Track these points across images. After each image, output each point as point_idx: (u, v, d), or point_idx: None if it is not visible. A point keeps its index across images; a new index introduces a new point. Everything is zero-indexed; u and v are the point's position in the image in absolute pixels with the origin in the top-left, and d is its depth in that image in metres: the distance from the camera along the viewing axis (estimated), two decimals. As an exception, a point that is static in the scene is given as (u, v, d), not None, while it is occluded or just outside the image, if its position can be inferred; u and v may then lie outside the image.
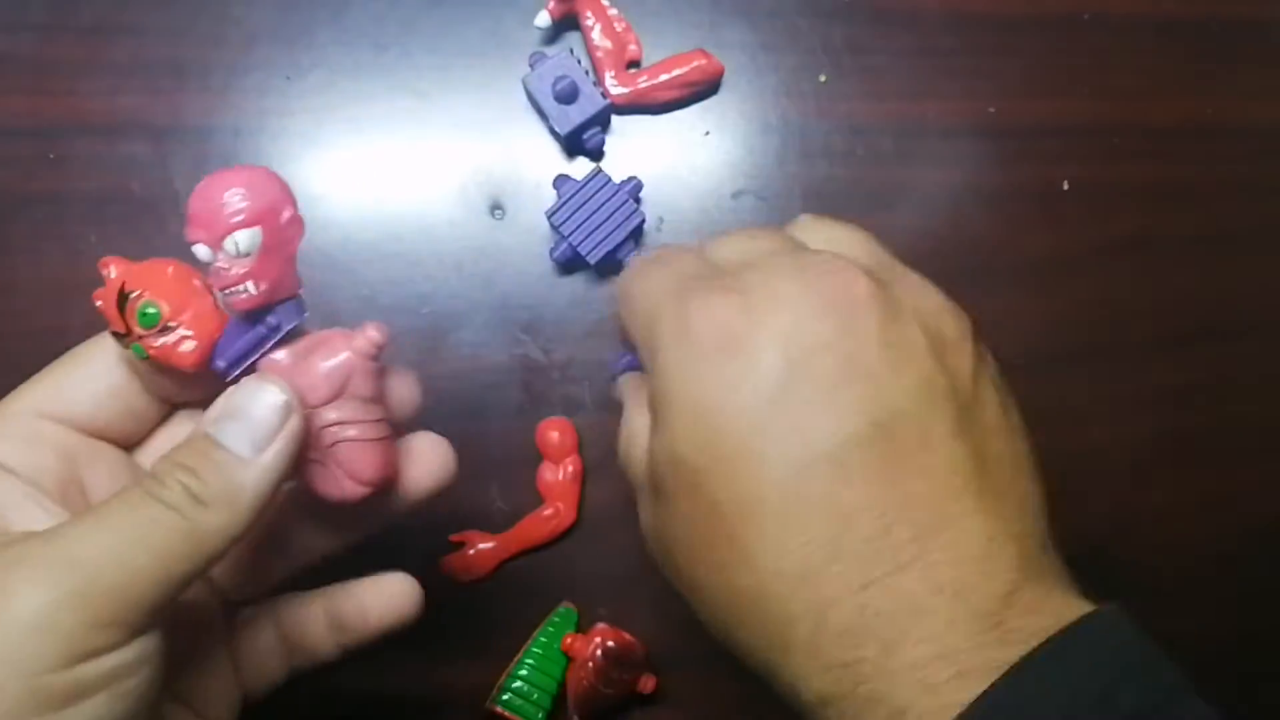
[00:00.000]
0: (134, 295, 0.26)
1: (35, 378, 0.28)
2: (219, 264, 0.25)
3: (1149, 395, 0.44)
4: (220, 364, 0.26)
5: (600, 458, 0.41)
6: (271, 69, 0.40)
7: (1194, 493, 0.44)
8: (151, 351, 0.25)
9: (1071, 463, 0.44)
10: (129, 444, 0.29)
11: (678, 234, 0.42)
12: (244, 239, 0.24)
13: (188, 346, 0.25)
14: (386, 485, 0.27)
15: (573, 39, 0.42)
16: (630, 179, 0.39)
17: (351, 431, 0.26)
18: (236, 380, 0.26)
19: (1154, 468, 0.44)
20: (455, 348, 0.40)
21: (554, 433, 0.40)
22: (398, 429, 0.28)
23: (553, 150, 0.41)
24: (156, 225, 0.39)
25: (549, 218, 0.39)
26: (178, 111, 0.40)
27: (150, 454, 0.29)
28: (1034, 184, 0.44)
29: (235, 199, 0.24)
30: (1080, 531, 0.44)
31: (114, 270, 0.26)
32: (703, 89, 0.42)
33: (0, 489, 0.25)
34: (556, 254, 0.39)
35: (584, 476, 0.40)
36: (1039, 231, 0.44)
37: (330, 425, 0.26)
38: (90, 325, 0.40)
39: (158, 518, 0.22)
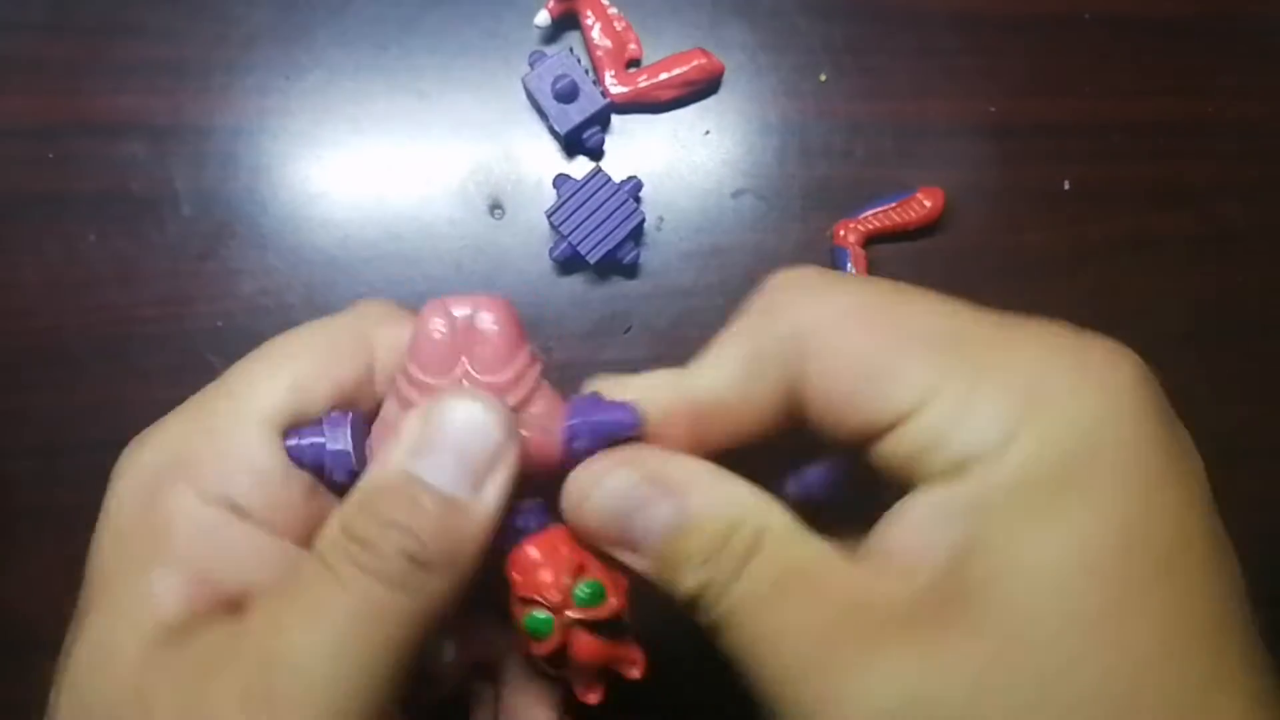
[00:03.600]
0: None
1: (242, 377, 0.22)
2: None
3: (1149, 395, 0.44)
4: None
5: (600, 457, 0.41)
6: (271, 69, 0.40)
7: (1194, 493, 0.44)
8: (572, 619, 0.21)
9: (1072, 462, 0.44)
10: None
11: (678, 233, 0.42)
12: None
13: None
14: None
15: (572, 38, 0.42)
16: (630, 178, 0.39)
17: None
18: None
19: (1154, 467, 0.44)
20: (455, 347, 0.40)
21: (554, 432, 0.39)
22: None
23: (552, 150, 0.41)
24: (156, 225, 0.39)
25: (549, 217, 0.39)
26: (178, 111, 0.40)
27: None
28: (1034, 183, 0.44)
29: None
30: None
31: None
32: (703, 88, 0.42)
33: (238, 539, 0.20)
34: (556, 253, 0.39)
35: (584, 476, 0.40)
36: (1040, 231, 0.44)
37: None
38: (86, 325, 0.40)
39: (378, 598, 0.18)
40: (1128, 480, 0.17)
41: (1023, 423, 0.18)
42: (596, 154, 0.41)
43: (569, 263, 0.40)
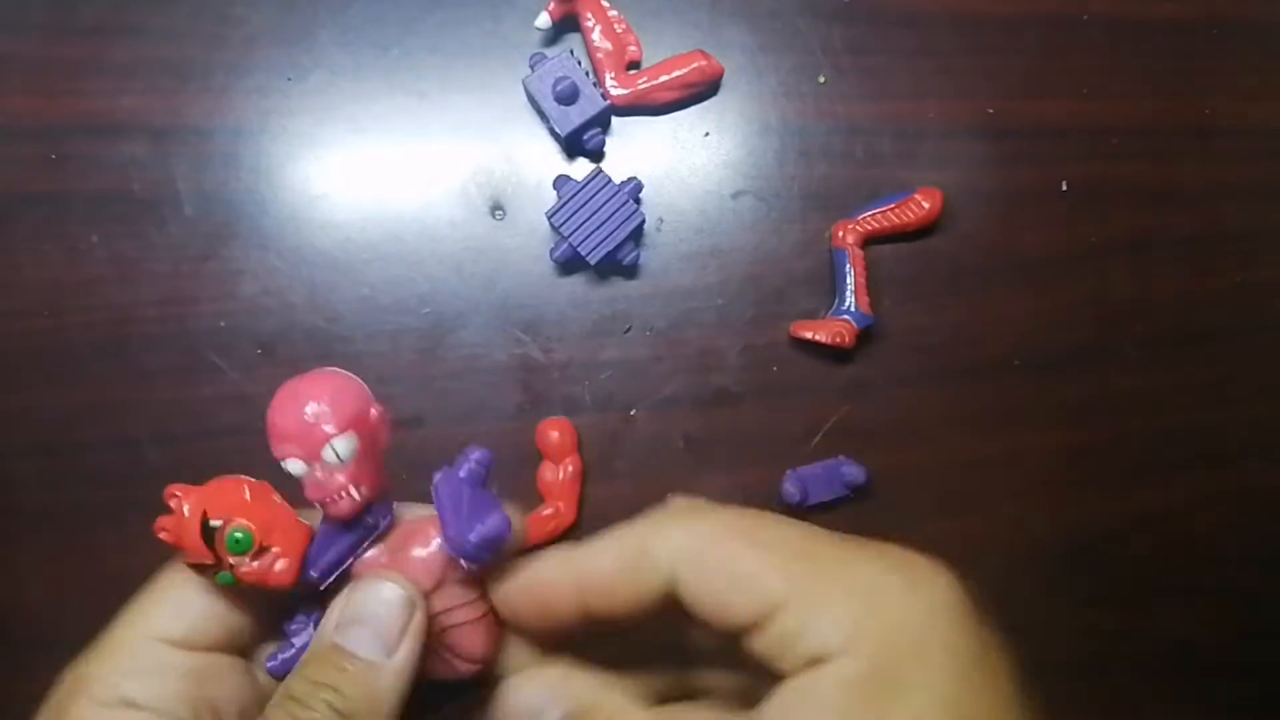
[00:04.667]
0: (220, 524, 0.24)
1: (135, 606, 0.26)
2: (317, 475, 0.24)
3: (1149, 395, 0.44)
4: (314, 574, 0.25)
5: (600, 458, 0.41)
6: (272, 69, 0.40)
7: (1193, 493, 0.45)
8: (244, 577, 0.24)
9: (1070, 462, 0.44)
10: (246, 650, 0.27)
11: (678, 234, 0.42)
12: (342, 446, 0.24)
13: (281, 565, 0.25)
14: (496, 654, 0.27)
15: (573, 40, 0.42)
16: (630, 179, 0.39)
17: (458, 616, 0.26)
18: (329, 586, 0.25)
19: (1153, 468, 0.44)
20: (455, 348, 0.40)
21: (554, 432, 0.40)
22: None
23: (553, 151, 0.41)
24: (157, 225, 0.39)
25: (549, 218, 0.39)
26: (178, 112, 0.40)
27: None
28: (1033, 184, 0.44)
29: (324, 408, 0.24)
30: (1080, 531, 0.44)
31: (187, 504, 0.25)
32: (702, 90, 0.42)
33: None
34: (556, 254, 0.39)
35: (584, 476, 0.40)
36: (1038, 231, 0.44)
37: (437, 614, 0.25)
38: (87, 325, 0.40)
39: None
40: (952, 667, 0.22)
41: (864, 625, 0.22)
42: (597, 155, 0.41)
43: (569, 263, 0.40)
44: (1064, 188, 0.44)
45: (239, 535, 0.24)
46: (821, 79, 0.43)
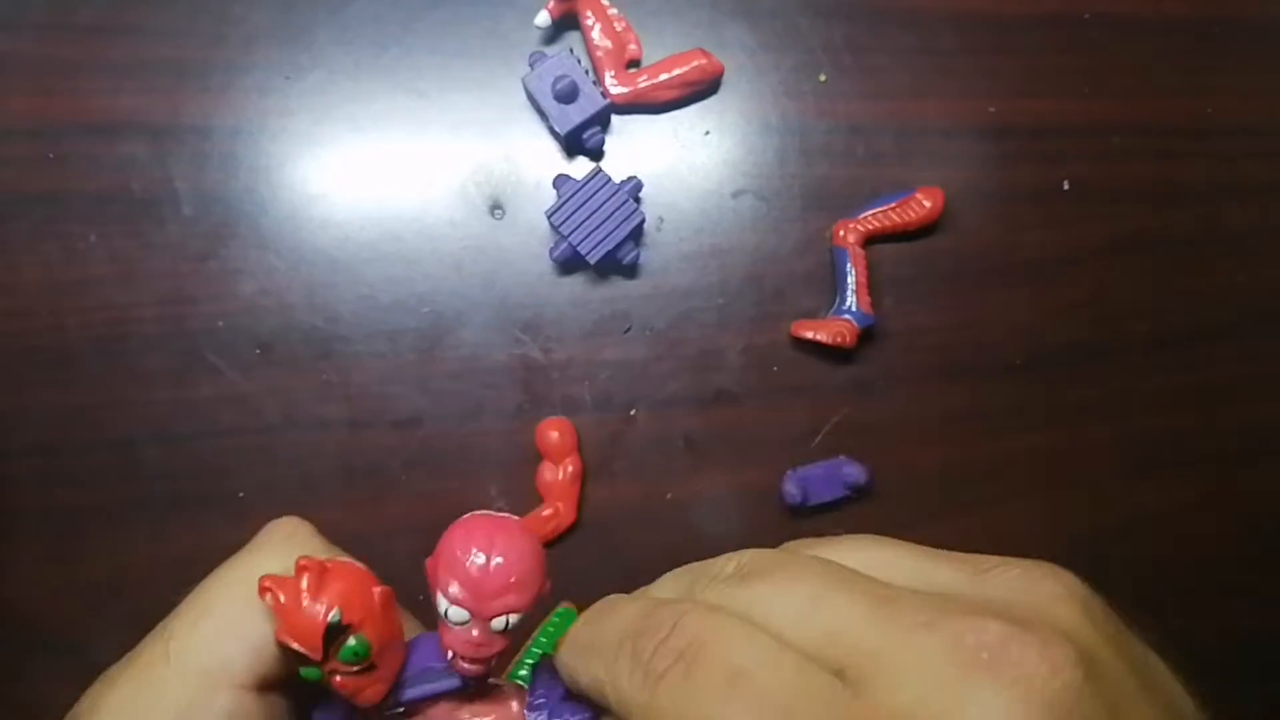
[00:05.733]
0: (344, 626, 0.22)
1: (183, 630, 0.24)
2: (473, 634, 0.23)
3: (1149, 395, 0.44)
4: (395, 699, 0.24)
5: (600, 458, 0.41)
6: (271, 68, 0.40)
7: (1194, 493, 0.44)
8: (339, 685, 0.23)
9: (1071, 462, 0.44)
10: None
11: (678, 233, 0.42)
12: (515, 620, 0.23)
13: (377, 689, 0.23)
14: None
15: (572, 38, 0.42)
16: (630, 179, 0.39)
17: None
18: (386, 712, 0.24)
19: (1154, 468, 0.44)
20: (455, 347, 0.40)
21: (554, 433, 0.40)
22: None
23: (553, 150, 0.41)
24: (155, 225, 0.39)
25: (549, 217, 0.39)
26: (177, 111, 0.40)
27: None
28: (1034, 184, 0.44)
29: (520, 576, 0.23)
30: (1080, 531, 0.44)
31: (322, 601, 0.22)
32: (703, 88, 0.42)
33: None
34: (556, 254, 0.39)
35: (584, 476, 0.40)
36: (1039, 231, 0.44)
37: None
38: (86, 325, 0.40)
39: None
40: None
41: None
42: (596, 154, 0.41)
43: (569, 263, 0.40)
44: (1065, 187, 0.44)
45: (359, 649, 0.22)
46: (822, 78, 0.43)
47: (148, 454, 0.39)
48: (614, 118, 0.41)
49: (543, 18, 0.40)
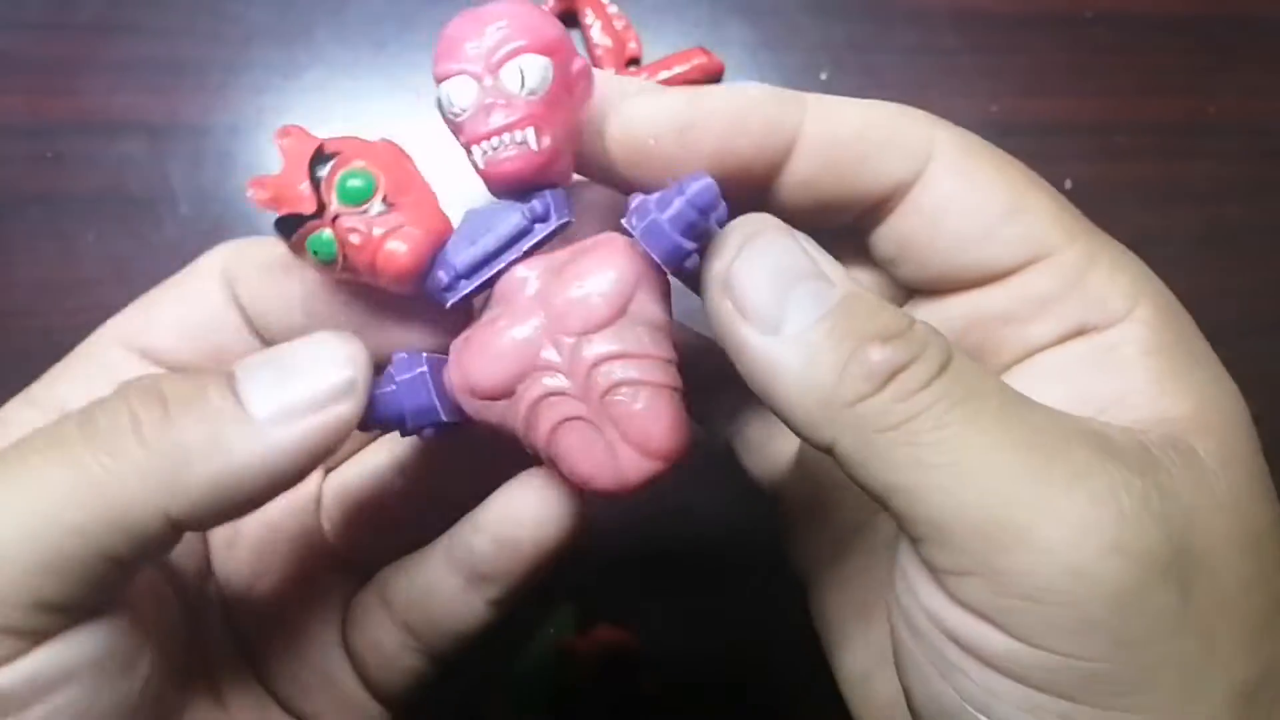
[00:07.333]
0: (336, 158, 0.18)
1: (129, 308, 0.22)
2: (490, 100, 0.18)
3: (1150, 395, 0.44)
4: (442, 274, 0.18)
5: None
6: (269, 67, 0.40)
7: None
8: (351, 244, 0.18)
9: (1073, 463, 0.44)
10: None
11: (678, 233, 0.42)
12: (533, 70, 0.17)
13: (400, 246, 0.18)
14: (680, 460, 0.18)
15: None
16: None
17: (635, 371, 0.17)
18: (459, 306, 0.18)
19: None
20: (454, 347, 0.40)
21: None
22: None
23: (552, 149, 0.41)
24: (154, 224, 0.39)
25: None
26: (175, 110, 0.40)
27: None
28: (1035, 183, 0.44)
29: (516, 25, 0.18)
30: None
31: (302, 139, 0.18)
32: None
33: None
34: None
35: (584, 477, 0.40)
36: (1040, 231, 0.44)
37: (604, 360, 0.17)
38: (86, 324, 0.40)
39: (75, 461, 0.16)
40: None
41: (1140, 296, 0.20)
42: (596, 153, 0.41)
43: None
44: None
45: (356, 180, 0.18)
46: (823, 76, 0.43)
47: (146, 454, 0.39)
48: (614, 116, 0.41)
49: (542, 16, 0.40)
